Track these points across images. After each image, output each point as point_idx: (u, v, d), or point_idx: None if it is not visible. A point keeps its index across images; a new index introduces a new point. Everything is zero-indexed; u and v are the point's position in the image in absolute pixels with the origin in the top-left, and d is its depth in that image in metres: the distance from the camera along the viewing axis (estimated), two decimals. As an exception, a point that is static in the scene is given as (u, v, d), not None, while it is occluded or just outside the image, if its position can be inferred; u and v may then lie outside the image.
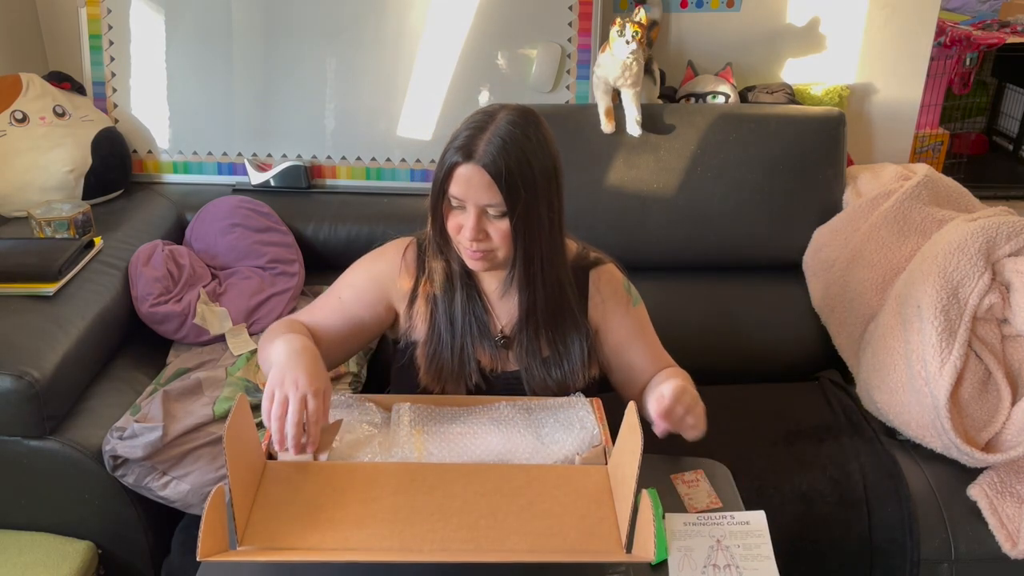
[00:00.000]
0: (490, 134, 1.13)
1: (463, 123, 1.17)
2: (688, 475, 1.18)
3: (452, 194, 1.15)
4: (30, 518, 1.51)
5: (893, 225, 1.84)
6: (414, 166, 2.20)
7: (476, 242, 1.16)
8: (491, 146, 1.12)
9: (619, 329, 1.31)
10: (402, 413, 1.16)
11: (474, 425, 1.15)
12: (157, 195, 2.14)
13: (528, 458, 1.09)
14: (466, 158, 1.12)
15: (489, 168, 1.11)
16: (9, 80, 2.00)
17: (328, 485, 1.02)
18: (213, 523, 0.92)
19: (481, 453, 1.10)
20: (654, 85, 2.08)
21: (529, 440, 1.12)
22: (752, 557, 1.02)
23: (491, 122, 1.14)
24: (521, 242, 1.17)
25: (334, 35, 2.13)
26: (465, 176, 1.13)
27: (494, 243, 1.17)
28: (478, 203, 1.14)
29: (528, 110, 1.18)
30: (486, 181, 1.12)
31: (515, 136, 1.13)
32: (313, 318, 1.28)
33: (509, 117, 1.15)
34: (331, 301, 1.30)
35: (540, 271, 1.22)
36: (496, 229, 1.16)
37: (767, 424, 1.71)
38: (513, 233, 1.16)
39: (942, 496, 1.50)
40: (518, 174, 1.12)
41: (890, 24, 2.21)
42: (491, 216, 1.15)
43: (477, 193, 1.13)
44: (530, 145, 1.14)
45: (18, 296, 1.58)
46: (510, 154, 1.12)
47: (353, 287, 1.30)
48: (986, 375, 1.54)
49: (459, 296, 1.26)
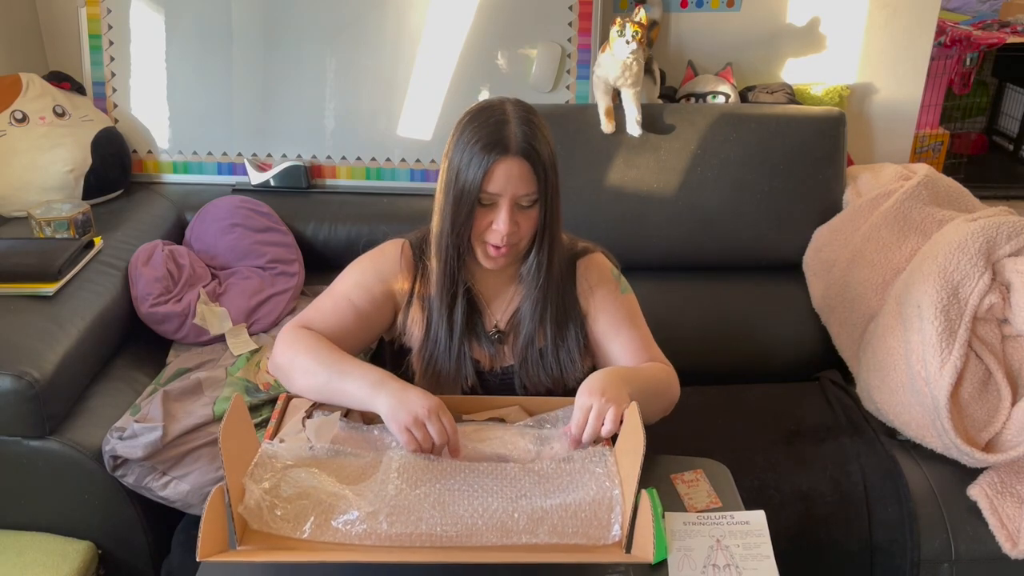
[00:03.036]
0: (514, 125, 1.14)
1: (473, 123, 1.16)
2: (688, 475, 1.18)
3: (488, 191, 1.14)
4: (30, 518, 1.51)
5: (893, 225, 1.83)
6: (414, 166, 2.20)
7: (507, 235, 1.16)
8: (520, 135, 1.13)
9: (605, 315, 1.30)
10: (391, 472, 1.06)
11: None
12: (157, 195, 2.14)
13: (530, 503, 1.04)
14: (503, 152, 1.13)
15: (528, 156, 1.13)
16: (9, 80, 2.00)
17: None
18: (212, 524, 0.92)
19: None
20: (654, 85, 2.08)
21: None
22: (752, 557, 1.02)
23: (506, 115, 1.16)
24: (545, 229, 1.19)
25: (334, 35, 2.13)
26: (504, 169, 1.13)
27: (522, 234, 1.19)
28: (515, 194, 1.15)
29: (522, 101, 1.20)
30: (525, 171, 1.13)
31: (533, 122, 1.16)
32: (327, 322, 1.26)
33: (518, 106, 1.17)
34: (340, 302, 1.28)
35: (555, 258, 1.24)
36: (527, 218, 1.17)
37: (767, 424, 1.71)
38: (542, 221, 1.18)
39: (942, 496, 1.50)
40: (546, 158, 1.15)
41: (890, 24, 2.21)
42: (523, 207, 1.17)
43: (516, 184, 1.14)
44: (544, 131, 1.17)
45: (18, 296, 1.58)
46: (538, 140, 1.15)
47: (362, 287, 1.28)
48: (986, 375, 1.54)
49: (455, 297, 1.25)
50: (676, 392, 1.28)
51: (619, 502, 1.01)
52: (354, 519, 0.97)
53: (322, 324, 1.25)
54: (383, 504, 0.98)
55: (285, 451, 1.06)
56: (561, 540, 0.98)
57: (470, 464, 1.07)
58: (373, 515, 0.97)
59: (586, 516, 0.99)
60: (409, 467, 1.04)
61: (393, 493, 1.00)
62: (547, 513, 0.99)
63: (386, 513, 0.97)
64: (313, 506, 0.98)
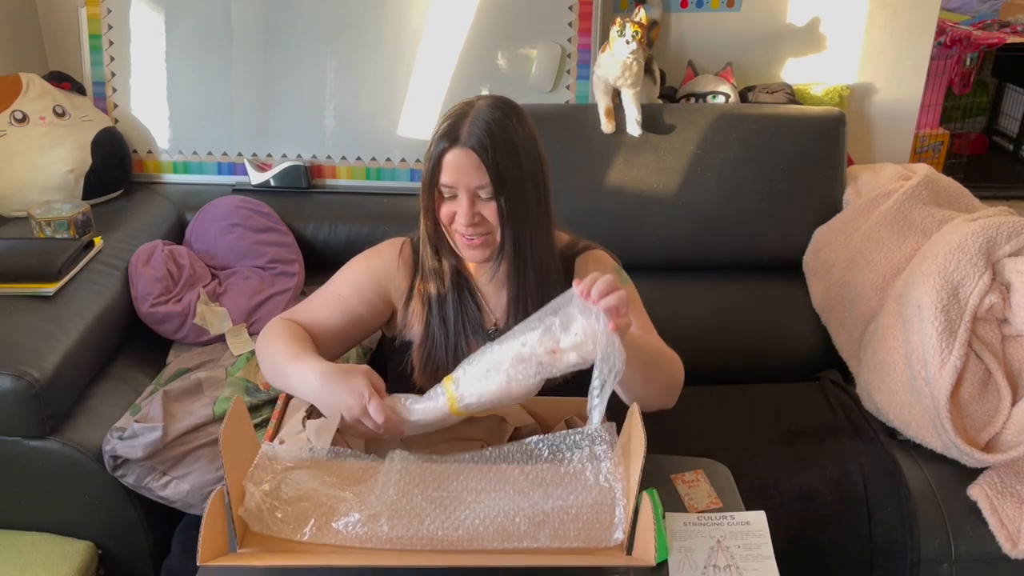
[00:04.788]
0: (472, 118, 1.16)
1: (442, 116, 1.19)
2: (688, 475, 1.18)
3: (443, 183, 1.16)
4: (30, 518, 1.51)
5: (893, 225, 1.83)
6: (414, 166, 2.20)
7: (472, 227, 1.17)
8: (475, 127, 1.14)
9: None
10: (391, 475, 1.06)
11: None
12: (157, 195, 2.14)
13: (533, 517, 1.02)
14: (452, 143, 1.14)
15: (476, 148, 1.13)
16: (9, 80, 2.00)
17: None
18: (213, 527, 0.92)
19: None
20: (654, 85, 2.08)
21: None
22: (752, 557, 1.02)
23: (471, 109, 1.17)
24: (510, 222, 1.18)
25: (334, 35, 2.13)
26: (454, 161, 1.15)
27: (490, 225, 1.19)
28: (469, 186, 1.16)
29: (505, 98, 1.21)
30: (474, 162, 1.14)
31: (496, 117, 1.16)
32: (312, 316, 1.28)
33: (488, 102, 1.19)
34: (330, 298, 1.30)
35: (530, 253, 1.23)
36: (489, 209, 1.18)
37: (767, 424, 1.71)
38: (501, 213, 1.17)
39: (942, 496, 1.50)
40: (503, 151, 1.15)
41: (890, 24, 2.21)
42: (483, 199, 1.17)
43: (467, 176, 1.15)
44: (511, 125, 1.17)
45: (18, 296, 1.58)
46: (494, 133, 1.14)
47: (353, 284, 1.30)
48: (986, 375, 1.54)
49: (452, 294, 1.27)
50: (679, 376, 1.25)
51: (620, 504, 1.01)
52: (355, 521, 0.97)
53: (308, 318, 1.28)
54: (384, 507, 0.98)
55: (285, 453, 1.06)
56: (563, 543, 0.98)
57: (471, 467, 1.07)
58: (374, 517, 0.97)
59: (587, 519, 0.99)
60: (410, 470, 1.04)
61: (394, 496, 0.99)
62: (548, 516, 0.99)
63: (387, 516, 0.97)
64: (314, 508, 0.98)
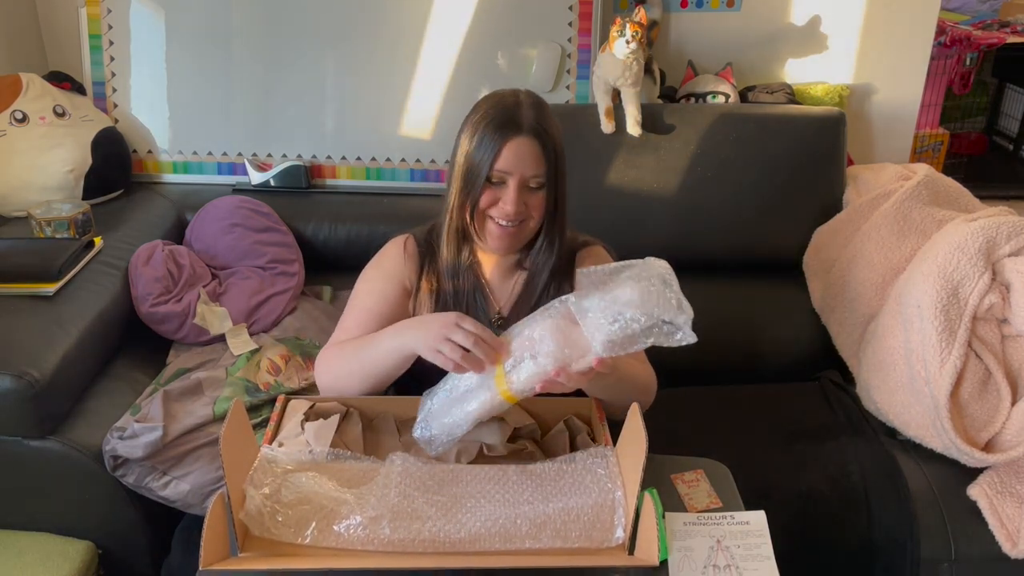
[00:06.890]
0: (527, 108, 1.17)
1: (486, 105, 1.19)
2: (688, 475, 1.18)
3: (499, 168, 1.16)
4: (30, 518, 1.51)
5: (893, 225, 1.83)
6: (414, 166, 2.20)
7: (515, 215, 1.18)
8: (532, 117, 1.16)
9: None
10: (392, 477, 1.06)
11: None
12: (157, 195, 2.14)
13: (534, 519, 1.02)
14: (516, 131, 1.15)
15: (539, 137, 1.15)
16: (9, 80, 2.00)
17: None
18: (214, 531, 0.91)
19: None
20: (654, 85, 2.08)
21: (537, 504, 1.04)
22: (752, 557, 1.02)
23: (518, 99, 1.19)
24: (554, 213, 1.21)
25: (334, 35, 2.13)
26: (515, 148, 1.15)
27: (529, 215, 1.20)
28: (524, 174, 1.17)
29: (532, 91, 1.23)
30: (536, 151, 1.16)
31: (544, 108, 1.19)
32: (352, 336, 1.27)
33: (530, 96, 1.21)
34: (360, 315, 1.29)
35: (561, 244, 1.26)
36: (535, 200, 1.19)
37: (767, 424, 1.71)
38: (548, 204, 1.20)
39: (942, 496, 1.50)
40: (557, 142, 1.18)
41: (890, 24, 2.21)
42: (532, 188, 1.19)
43: (525, 164, 1.16)
44: (554, 119, 1.20)
45: (18, 296, 1.58)
46: (550, 123, 1.18)
47: (375, 293, 1.30)
48: (986, 375, 1.54)
49: (462, 285, 1.28)
50: (651, 394, 1.28)
51: (622, 504, 1.01)
52: (356, 524, 0.97)
53: (349, 339, 1.27)
54: (385, 509, 0.98)
55: (284, 456, 1.06)
56: (565, 544, 0.98)
57: (471, 469, 1.07)
58: (375, 520, 0.97)
59: (589, 519, 0.99)
60: (411, 472, 1.04)
61: (395, 498, 1.00)
62: (550, 518, 0.99)
63: (388, 518, 0.97)
64: (315, 511, 0.98)
